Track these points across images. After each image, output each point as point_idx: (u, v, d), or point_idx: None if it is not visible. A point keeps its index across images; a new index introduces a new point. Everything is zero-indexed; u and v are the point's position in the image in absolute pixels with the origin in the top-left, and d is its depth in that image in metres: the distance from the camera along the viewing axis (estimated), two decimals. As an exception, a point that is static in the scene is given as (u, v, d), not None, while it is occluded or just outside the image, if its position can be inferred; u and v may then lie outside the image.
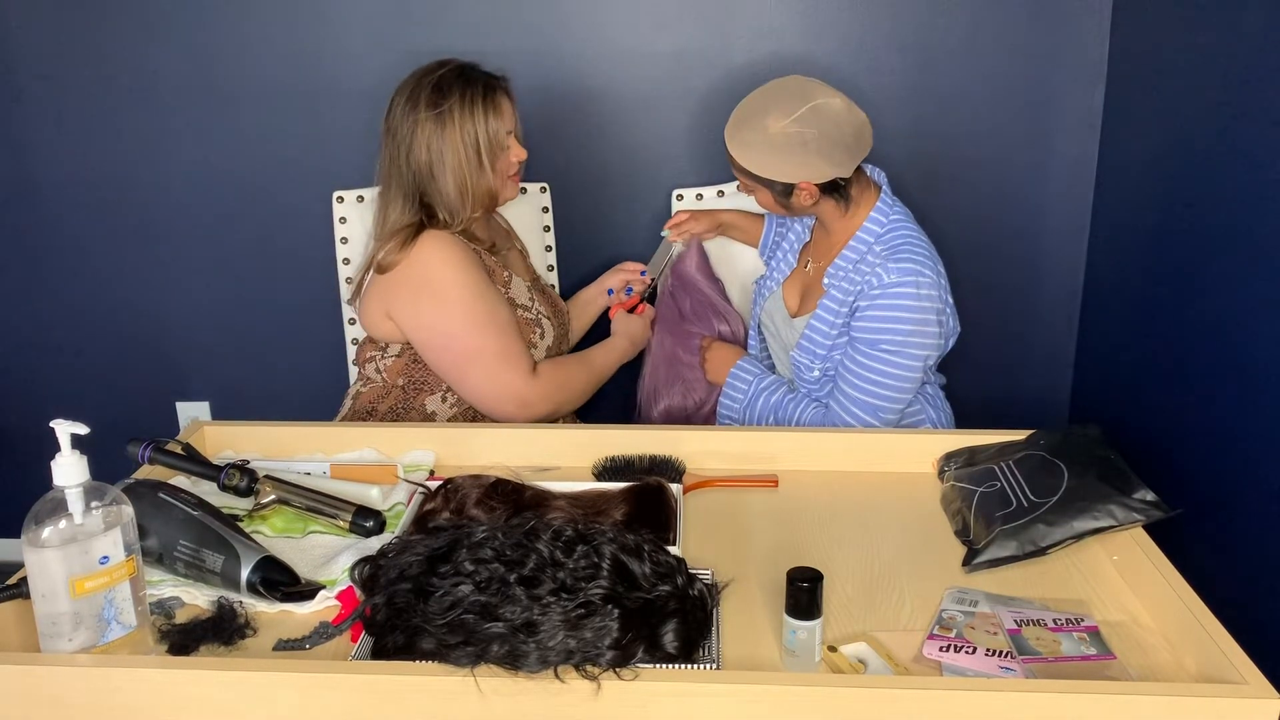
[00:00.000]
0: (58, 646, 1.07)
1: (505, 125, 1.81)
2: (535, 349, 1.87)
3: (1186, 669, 1.10)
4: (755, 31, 2.28)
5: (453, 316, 1.76)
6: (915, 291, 1.72)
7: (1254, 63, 1.71)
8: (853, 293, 1.77)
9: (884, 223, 1.79)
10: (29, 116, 2.40)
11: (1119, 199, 2.26)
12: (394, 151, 1.79)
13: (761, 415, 1.88)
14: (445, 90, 1.76)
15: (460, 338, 1.77)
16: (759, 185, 1.79)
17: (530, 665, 1.02)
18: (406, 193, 1.79)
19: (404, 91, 1.79)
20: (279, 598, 1.21)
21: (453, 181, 1.77)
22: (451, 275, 1.76)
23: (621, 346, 2.00)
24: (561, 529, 1.14)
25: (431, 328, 1.78)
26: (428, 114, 1.75)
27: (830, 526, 1.40)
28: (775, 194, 1.79)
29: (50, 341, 2.57)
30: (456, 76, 1.78)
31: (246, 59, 2.34)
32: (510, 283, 1.87)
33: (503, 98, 1.81)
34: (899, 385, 1.75)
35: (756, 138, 1.73)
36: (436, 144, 1.76)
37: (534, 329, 1.87)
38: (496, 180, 1.82)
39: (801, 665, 1.10)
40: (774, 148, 1.72)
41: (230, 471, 1.39)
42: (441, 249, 1.77)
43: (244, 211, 2.44)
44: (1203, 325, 1.86)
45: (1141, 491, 1.31)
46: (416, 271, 1.77)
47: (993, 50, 2.27)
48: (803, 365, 1.84)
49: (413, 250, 1.76)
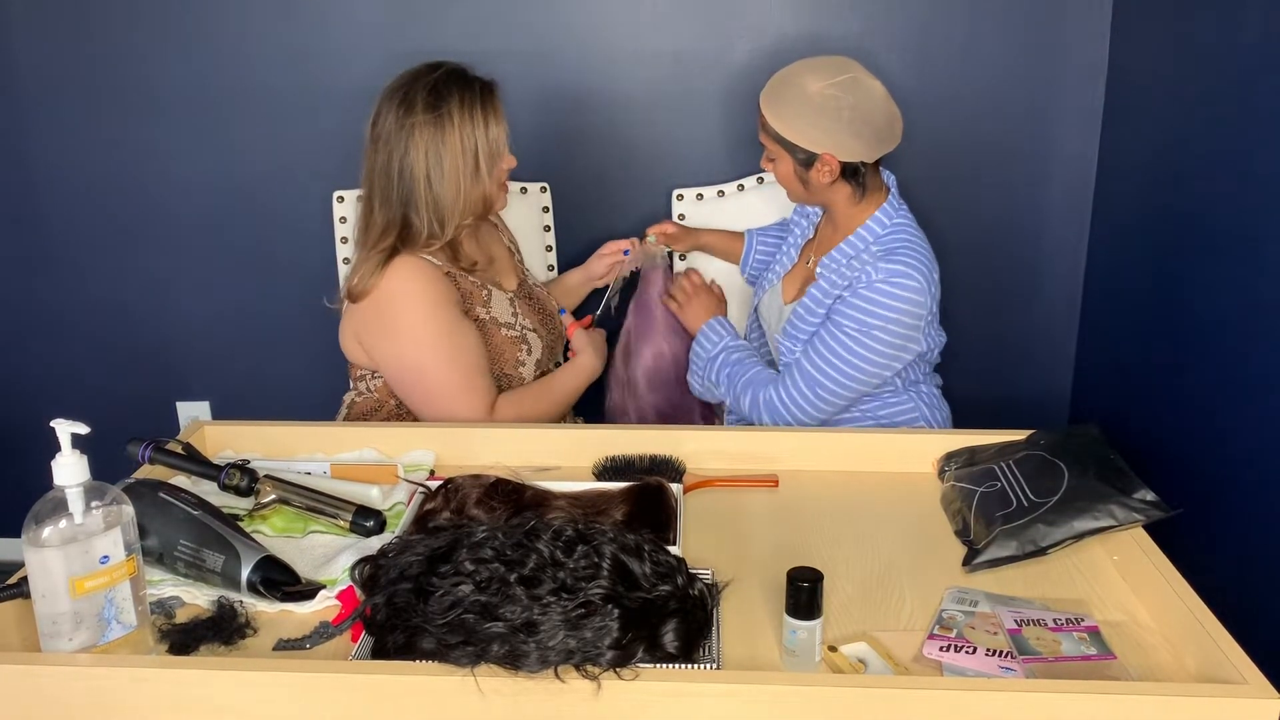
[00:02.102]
0: (58, 646, 1.07)
1: (504, 132, 1.75)
2: (523, 366, 1.83)
3: (1186, 669, 1.10)
4: (755, 31, 2.29)
5: (419, 351, 1.72)
6: (896, 293, 1.72)
7: (1254, 63, 1.71)
8: (841, 285, 1.78)
9: (886, 224, 1.79)
10: (30, 118, 2.40)
11: (1119, 199, 2.26)
12: (384, 158, 1.71)
13: (721, 369, 1.89)
14: (443, 94, 1.69)
15: (424, 373, 1.73)
16: (783, 153, 1.78)
17: (530, 665, 1.02)
18: (391, 203, 1.72)
19: (395, 95, 1.71)
20: (279, 597, 1.21)
21: (449, 189, 1.70)
22: (417, 310, 1.71)
23: (586, 365, 1.94)
24: (562, 529, 1.14)
25: (397, 361, 1.75)
26: (425, 118, 1.68)
27: (830, 526, 1.40)
28: (796, 163, 1.77)
29: (51, 341, 2.57)
30: (454, 80, 1.72)
31: (246, 59, 2.34)
32: (490, 301, 1.81)
33: (499, 103, 1.76)
34: (848, 373, 1.76)
35: (793, 95, 1.73)
36: (435, 149, 1.69)
37: (519, 346, 1.82)
38: (493, 189, 1.77)
39: (801, 665, 1.10)
40: (809, 109, 1.72)
41: (230, 471, 1.39)
42: (410, 280, 1.71)
43: (244, 211, 2.44)
44: (1203, 325, 1.86)
45: (1141, 491, 1.31)
46: (385, 303, 1.72)
47: (993, 50, 2.28)
48: (785, 348, 1.85)
49: (383, 279, 1.70)
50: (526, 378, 1.84)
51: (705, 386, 1.94)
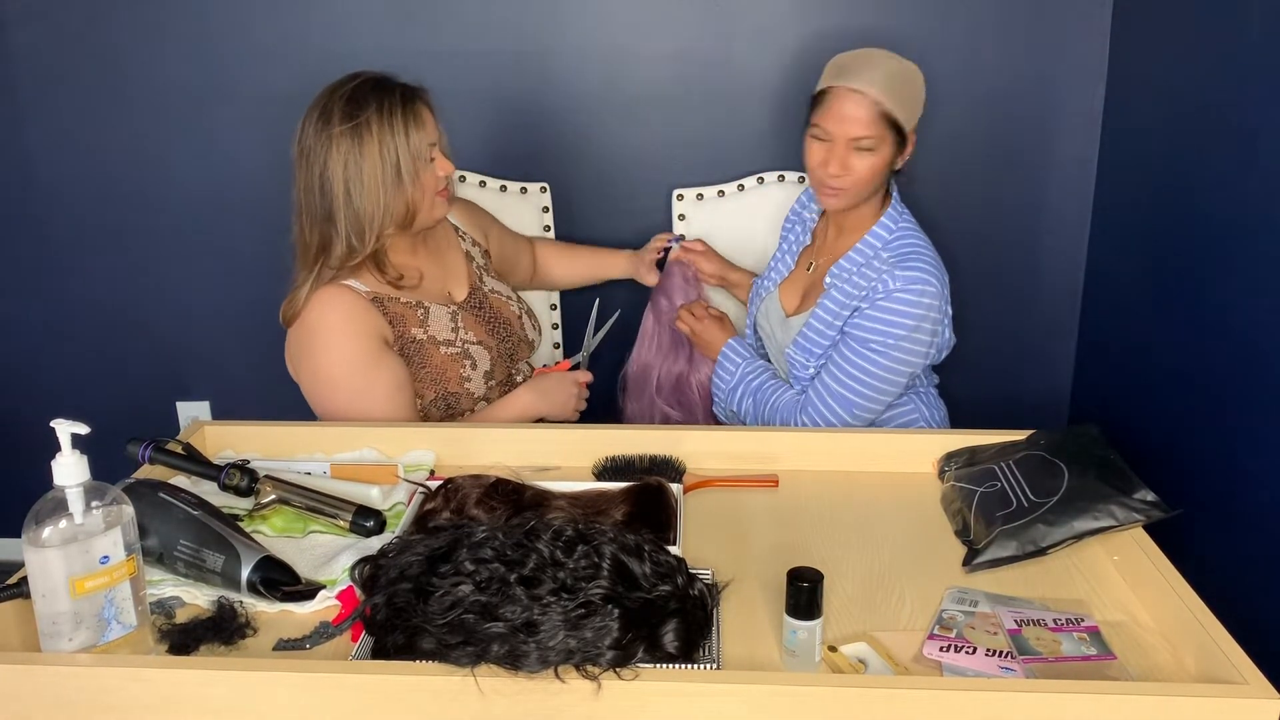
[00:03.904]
0: (58, 646, 1.07)
1: (427, 138, 1.67)
2: (469, 382, 1.76)
3: (1186, 669, 1.10)
4: (755, 31, 2.28)
5: (334, 388, 1.67)
6: (917, 300, 1.72)
7: (1254, 63, 1.71)
8: (856, 296, 1.76)
9: (892, 228, 1.79)
10: (31, 117, 2.40)
11: (1119, 199, 2.26)
12: (307, 176, 1.65)
13: (742, 398, 1.88)
14: (360, 103, 1.63)
15: (340, 409, 1.68)
16: (889, 138, 1.71)
17: (530, 665, 1.02)
18: (316, 219, 1.66)
19: (315, 109, 1.66)
20: (279, 597, 1.21)
21: (369, 200, 1.63)
22: (329, 345, 1.66)
23: (521, 401, 1.82)
24: (562, 529, 1.14)
25: (314, 394, 1.71)
26: (342, 129, 1.62)
27: (830, 526, 1.40)
28: (893, 144, 1.73)
29: (51, 341, 2.57)
30: (372, 88, 1.65)
31: (246, 59, 2.34)
32: (428, 320, 1.74)
33: (423, 108, 1.68)
34: (879, 387, 1.75)
35: (894, 68, 1.71)
36: (354, 160, 1.62)
37: (461, 363, 1.75)
38: (417, 197, 1.68)
39: (801, 665, 1.10)
40: (909, 81, 1.72)
41: (230, 471, 1.39)
42: (327, 314, 1.66)
43: (245, 211, 2.44)
44: (1203, 325, 1.86)
45: (1141, 491, 1.31)
46: (304, 333, 1.68)
47: (993, 51, 2.28)
48: (798, 363, 1.83)
49: (306, 309, 1.67)
50: (475, 392, 1.78)
51: (729, 416, 1.94)
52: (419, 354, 1.73)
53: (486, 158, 2.32)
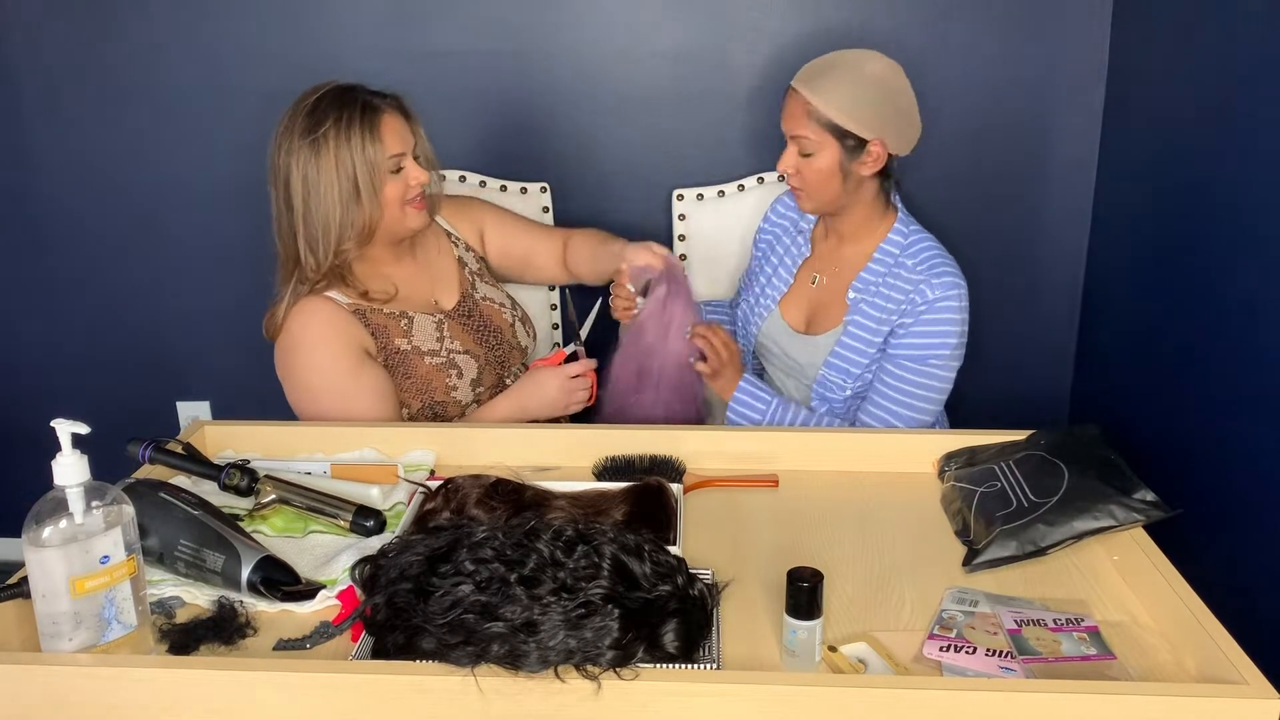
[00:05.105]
0: (58, 646, 1.07)
1: (388, 149, 1.63)
2: (455, 390, 1.75)
3: (1186, 669, 1.10)
4: (755, 31, 2.28)
5: (316, 399, 1.67)
6: (958, 305, 1.72)
7: (1254, 63, 1.71)
8: (894, 310, 1.74)
9: (906, 233, 1.78)
10: (31, 117, 2.40)
11: (1119, 199, 2.26)
12: (275, 189, 1.65)
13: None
14: (320, 115, 1.61)
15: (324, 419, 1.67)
16: (829, 141, 1.69)
17: (530, 665, 1.02)
18: (283, 234, 1.66)
19: (282, 120, 1.65)
20: (279, 597, 1.21)
21: (324, 214, 1.62)
22: (310, 357, 1.66)
23: (499, 411, 1.77)
24: (562, 529, 1.14)
25: (299, 405, 1.71)
26: (301, 142, 1.61)
27: (830, 526, 1.40)
28: (844, 151, 1.69)
29: (51, 341, 2.57)
30: (333, 100, 1.63)
31: (246, 59, 2.34)
32: (412, 330, 1.73)
33: (387, 118, 1.64)
34: (938, 399, 1.77)
35: (849, 75, 1.67)
36: (312, 174, 1.61)
37: (446, 373, 1.74)
38: (375, 212, 1.65)
39: (801, 665, 1.10)
40: (868, 90, 1.67)
41: (231, 471, 1.39)
42: (307, 326, 1.66)
43: (244, 211, 2.43)
44: (1203, 325, 1.86)
45: (1141, 491, 1.31)
46: (287, 347, 1.68)
47: (993, 50, 2.28)
48: (834, 384, 1.79)
49: (286, 321, 1.67)
50: (463, 400, 1.77)
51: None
52: (403, 364, 1.72)
53: (486, 158, 2.32)
